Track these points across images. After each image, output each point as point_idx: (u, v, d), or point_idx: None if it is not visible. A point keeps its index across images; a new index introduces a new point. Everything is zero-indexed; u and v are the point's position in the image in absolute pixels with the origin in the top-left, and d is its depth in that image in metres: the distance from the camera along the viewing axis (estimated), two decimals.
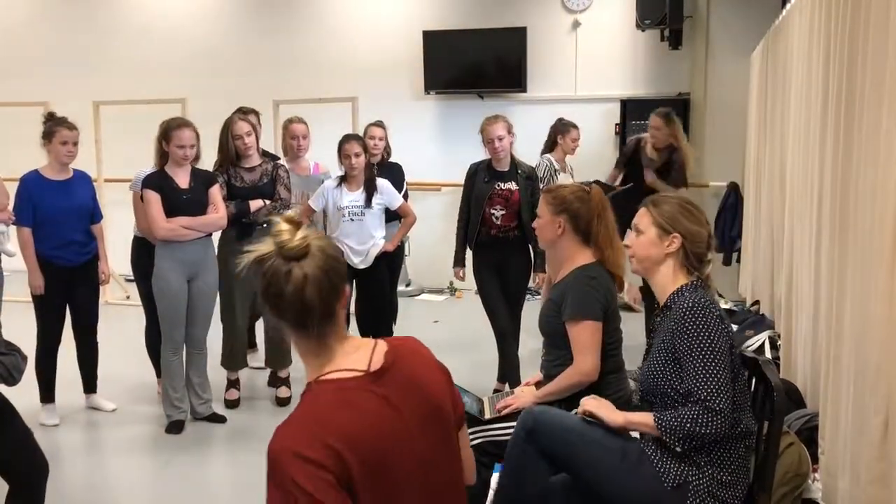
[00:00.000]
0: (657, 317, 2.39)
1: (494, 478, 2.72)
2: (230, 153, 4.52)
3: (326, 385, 1.56)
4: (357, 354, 1.61)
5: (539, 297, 5.16)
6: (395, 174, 5.29)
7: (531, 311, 6.12)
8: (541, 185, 4.85)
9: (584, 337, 2.76)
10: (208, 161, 4.51)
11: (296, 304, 1.53)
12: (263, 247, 1.58)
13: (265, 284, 1.55)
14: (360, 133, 5.39)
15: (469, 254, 4.62)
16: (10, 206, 4.21)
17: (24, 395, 3.37)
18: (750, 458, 2.26)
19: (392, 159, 5.53)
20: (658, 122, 5.59)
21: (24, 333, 3.98)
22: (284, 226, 1.57)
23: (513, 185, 4.47)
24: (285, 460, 1.44)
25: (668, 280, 2.33)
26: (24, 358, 2.72)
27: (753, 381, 2.35)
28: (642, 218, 2.39)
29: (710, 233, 2.35)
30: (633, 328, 3.23)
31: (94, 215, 4.44)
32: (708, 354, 2.12)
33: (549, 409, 2.46)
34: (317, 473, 1.42)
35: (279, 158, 5.04)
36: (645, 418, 2.24)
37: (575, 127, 6.06)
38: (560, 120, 6.16)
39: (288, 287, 1.52)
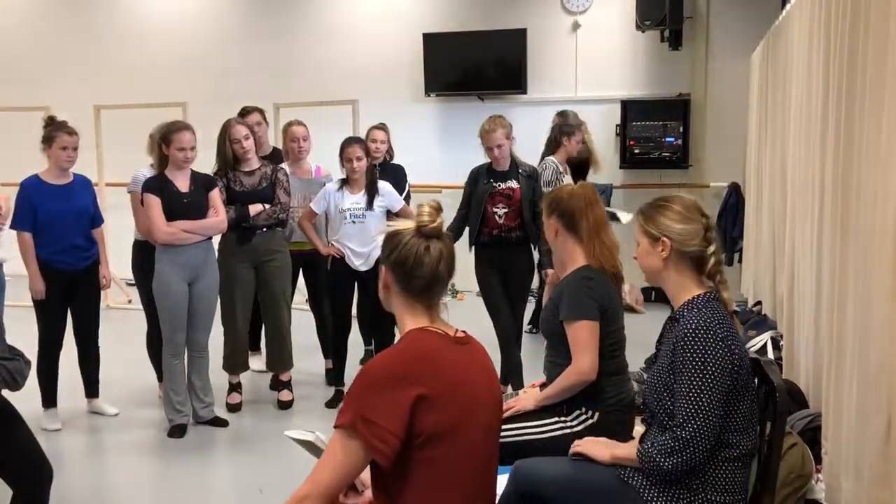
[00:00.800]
0: (667, 325, 2.34)
1: (499, 480, 2.72)
2: (228, 157, 4.52)
3: (422, 332, 1.86)
4: (445, 327, 1.92)
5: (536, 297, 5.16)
6: (398, 176, 5.30)
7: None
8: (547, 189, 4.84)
9: (581, 336, 2.75)
10: (205, 164, 4.51)
11: (430, 274, 1.85)
12: (401, 224, 1.90)
13: (401, 255, 1.85)
14: (362, 135, 5.40)
15: (471, 254, 4.62)
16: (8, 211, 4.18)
17: (26, 399, 3.37)
18: (748, 479, 2.20)
19: (393, 161, 5.53)
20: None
21: (25, 338, 3.98)
22: (427, 209, 1.87)
23: (514, 184, 4.47)
24: (373, 376, 1.76)
25: (678, 287, 2.25)
26: (28, 363, 2.72)
27: (756, 381, 2.34)
28: (636, 228, 2.35)
29: (706, 226, 2.24)
30: (636, 329, 3.22)
31: (95, 219, 4.44)
32: (696, 380, 2.06)
33: (535, 463, 2.38)
34: (393, 391, 1.73)
35: (281, 161, 5.04)
36: (629, 452, 2.22)
37: (580, 128, 5.75)
38: (564, 118, 5.88)
39: (426, 259, 1.84)
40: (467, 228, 4.59)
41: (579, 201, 2.90)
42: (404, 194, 5.19)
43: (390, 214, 4.80)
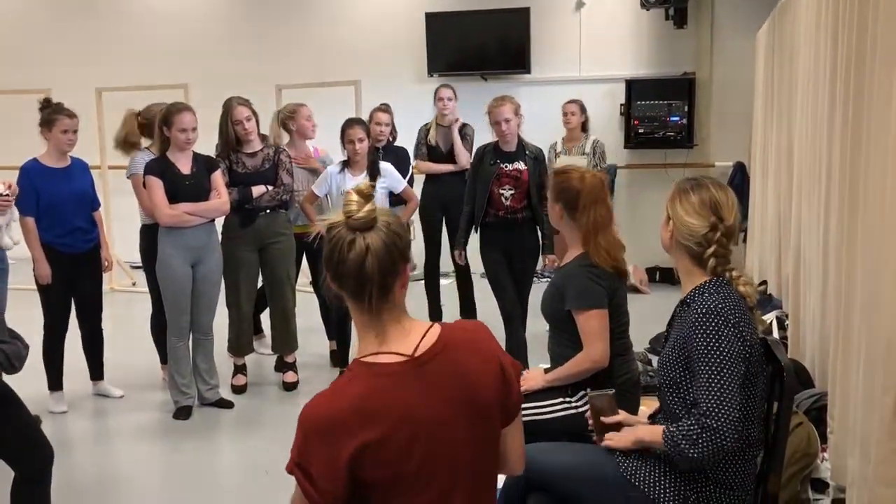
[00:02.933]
0: (678, 308, 2.30)
1: None
2: (230, 139, 4.49)
3: (365, 368, 1.59)
4: (408, 338, 1.62)
5: (545, 278, 5.16)
6: (400, 157, 5.28)
7: (538, 293, 6.09)
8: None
9: (592, 325, 2.74)
10: (206, 146, 4.48)
11: (354, 273, 1.57)
12: (334, 216, 1.61)
13: (328, 251, 1.59)
14: (366, 117, 5.37)
15: (476, 235, 4.61)
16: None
17: (32, 382, 3.39)
18: (755, 472, 2.18)
19: (399, 143, 5.52)
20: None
21: (29, 321, 4.00)
22: (354, 196, 1.59)
23: (521, 165, 4.45)
24: (308, 432, 1.54)
25: (687, 270, 2.22)
26: (26, 346, 2.72)
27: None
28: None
29: (712, 226, 2.15)
30: (640, 309, 3.21)
31: (94, 202, 4.43)
32: (713, 366, 2.03)
33: (540, 449, 2.34)
34: (327, 455, 1.51)
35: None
36: (654, 435, 2.16)
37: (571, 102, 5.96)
38: None
39: (350, 255, 1.56)
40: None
41: (586, 196, 2.83)
42: (407, 177, 5.18)
43: (393, 196, 4.79)
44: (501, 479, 2.53)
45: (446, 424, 1.59)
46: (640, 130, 7.33)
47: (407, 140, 5.68)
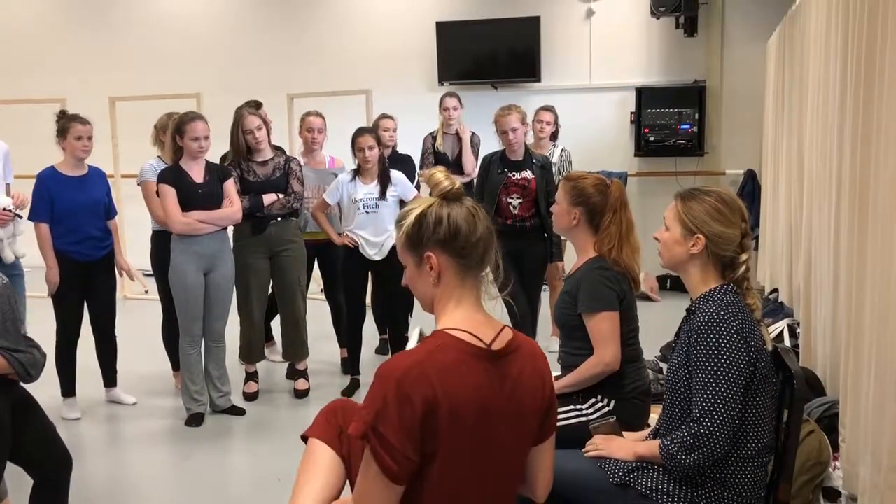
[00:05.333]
0: (685, 316, 2.29)
1: None
2: (241, 147, 4.53)
3: (454, 341, 1.65)
4: (486, 327, 1.70)
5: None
6: (406, 166, 5.30)
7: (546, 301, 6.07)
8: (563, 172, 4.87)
9: (603, 328, 2.74)
10: (218, 154, 4.51)
11: (485, 233, 1.70)
12: (416, 204, 1.71)
13: (454, 226, 1.66)
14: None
15: None
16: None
17: (45, 389, 3.41)
18: (765, 478, 2.17)
19: (406, 151, 5.54)
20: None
21: (43, 328, 4.03)
22: (439, 174, 1.71)
23: (528, 174, 4.46)
24: (388, 382, 1.56)
25: (698, 281, 2.20)
26: (43, 355, 2.75)
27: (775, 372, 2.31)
28: (670, 212, 2.23)
29: (744, 232, 2.14)
30: (651, 317, 3.21)
31: (109, 211, 4.47)
32: (711, 374, 2.03)
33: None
34: (403, 408, 1.53)
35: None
36: (652, 449, 2.18)
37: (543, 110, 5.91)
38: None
39: (476, 221, 1.69)
40: None
41: (615, 203, 2.84)
42: (413, 184, 5.20)
43: (403, 204, 4.80)
44: None
45: (503, 420, 1.66)
46: (651, 138, 7.33)
47: (415, 149, 5.70)
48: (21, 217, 4.08)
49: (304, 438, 2.02)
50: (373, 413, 1.55)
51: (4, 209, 3.97)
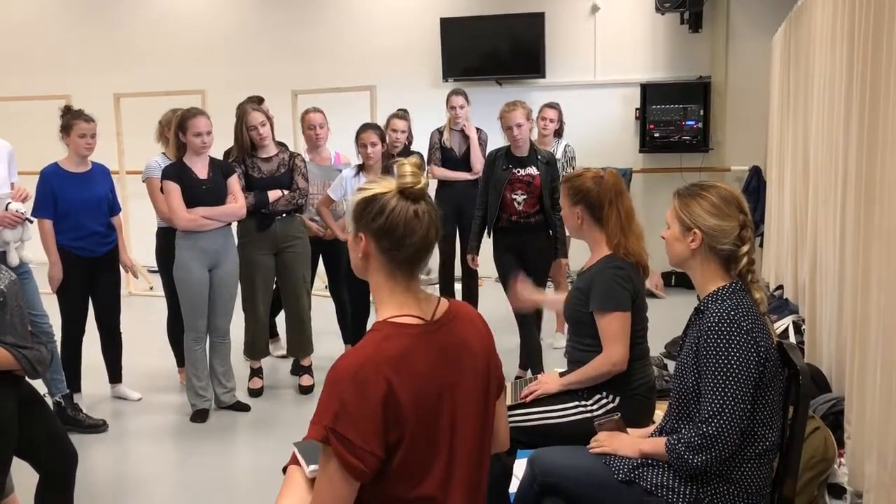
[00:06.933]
0: (692, 316, 2.28)
1: (518, 464, 2.73)
2: (245, 144, 4.53)
3: (397, 328, 1.66)
4: (424, 304, 1.72)
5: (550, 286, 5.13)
6: None
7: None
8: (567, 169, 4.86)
9: (613, 327, 2.73)
10: (219, 150, 4.51)
11: (420, 242, 1.65)
12: (377, 185, 1.68)
13: (392, 222, 1.64)
14: (380, 121, 5.40)
15: (489, 240, 4.62)
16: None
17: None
18: (771, 477, 2.17)
19: (412, 147, 5.54)
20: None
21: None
22: (409, 168, 1.66)
23: (533, 171, 4.46)
24: (341, 383, 1.57)
25: (704, 277, 2.20)
26: (49, 351, 2.76)
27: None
28: (669, 210, 2.25)
29: (742, 224, 2.14)
30: (656, 314, 3.20)
31: (113, 208, 4.47)
32: (720, 374, 2.03)
33: (552, 453, 2.37)
34: (362, 406, 1.54)
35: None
36: (657, 447, 2.19)
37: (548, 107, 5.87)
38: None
39: (417, 225, 1.64)
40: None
41: (608, 193, 2.83)
42: None
43: None
44: (514, 485, 2.54)
45: (459, 388, 1.69)
46: (656, 134, 7.31)
47: (420, 145, 5.70)
48: (32, 222, 4.09)
49: (284, 470, 1.98)
50: (330, 415, 1.54)
51: (17, 212, 3.99)
